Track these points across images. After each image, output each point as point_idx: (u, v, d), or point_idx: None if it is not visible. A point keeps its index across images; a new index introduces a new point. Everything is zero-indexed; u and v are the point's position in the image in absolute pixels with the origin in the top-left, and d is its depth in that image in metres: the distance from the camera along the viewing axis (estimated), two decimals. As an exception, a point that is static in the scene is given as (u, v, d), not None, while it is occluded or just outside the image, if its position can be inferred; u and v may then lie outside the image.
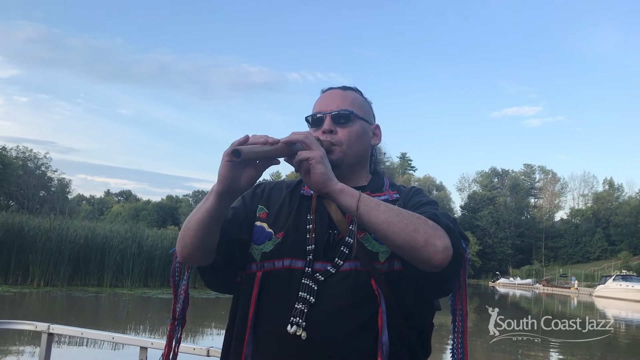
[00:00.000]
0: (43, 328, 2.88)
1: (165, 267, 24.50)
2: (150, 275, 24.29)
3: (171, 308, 1.66)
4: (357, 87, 1.72)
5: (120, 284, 23.34)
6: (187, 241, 1.46)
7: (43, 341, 2.87)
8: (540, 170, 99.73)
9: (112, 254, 22.81)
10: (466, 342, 1.53)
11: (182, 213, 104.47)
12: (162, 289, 23.32)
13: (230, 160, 1.29)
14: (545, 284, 62.32)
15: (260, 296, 1.48)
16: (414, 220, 1.33)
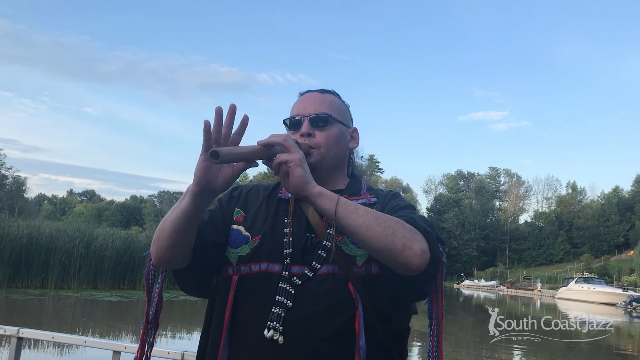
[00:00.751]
0: (12, 332, 2.82)
1: (115, 268, 23.46)
2: (99, 276, 23.15)
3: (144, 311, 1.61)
4: (335, 90, 1.71)
5: (66, 285, 22.15)
6: (162, 243, 1.41)
7: (12, 345, 2.81)
8: (505, 174, 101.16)
9: (58, 254, 21.64)
10: (441, 345, 1.52)
11: (146, 213, 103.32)
12: (111, 291, 22.26)
13: (207, 160, 1.25)
14: (509, 286, 62.69)
15: (236, 300, 1.46)
16: (392, 224, 1.32)
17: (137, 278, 24.42)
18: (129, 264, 24.18)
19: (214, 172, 1.31)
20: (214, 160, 1.22)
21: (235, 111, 1.32)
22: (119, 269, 23.75)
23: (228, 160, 1.26)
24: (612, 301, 38.45)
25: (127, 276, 24.31)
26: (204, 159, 1.28)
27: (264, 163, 1.36)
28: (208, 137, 1.26)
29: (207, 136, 1.26)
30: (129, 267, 24.27)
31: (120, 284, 24.11)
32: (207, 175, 1.30)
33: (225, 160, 1.24)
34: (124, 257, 23.85)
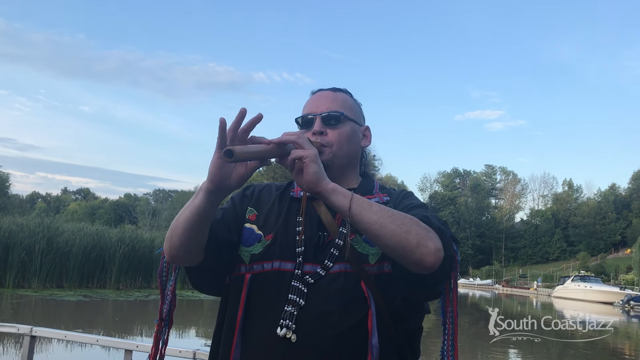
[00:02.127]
0: (25, 331, 2.84)
1: (82, 265, 22.07)
2: (65, 274, 21.76)
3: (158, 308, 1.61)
4: (347, 89, 1.71)
5: (26, 284, 20.72)
6: (175, 240, 1.41)
7: (25, 344, 2.82)
8: (501, 171, 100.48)
9: (17, 250, 20.17)
10: (456, 344, 1.49)
11: (140, 212, 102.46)
12: (77, 291, 20.87)
13: (222, 159, 1.27)
14: (505, 285, 62.31)
15: (249, 298, 1.46)
16: (406, 221, 1.31)
17: (107, 276, 23.07)
18: (98, 261, 22.74)
19: (228, 170, 1.31)
20: (228, 159, 1.24)
21: (260, 119, 1.32)
22: (87, 267, 22.31)
23: (242, 159, 1.27)
24: (609, 300, 38.15)
25: (97, 274, 22.90)
26: (218, 157, 1.28)
27: (277, 161, 1.36)
28: (223, 135, 1.27)
29: (222, 134, 1.27)
30: (98, 265, 22.80)
31: (89, 283, 22.68)
32: (221, 173, 1.30)
33: (239, 159, 1.26)
34: (92, 254, 22.39)
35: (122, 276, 23.39)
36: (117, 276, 23.13)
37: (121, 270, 23.25)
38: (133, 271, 24.05)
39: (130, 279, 23.97)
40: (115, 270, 23.04)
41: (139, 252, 24.25)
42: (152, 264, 24.83)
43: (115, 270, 23.04)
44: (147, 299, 20.87)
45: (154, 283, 25.00)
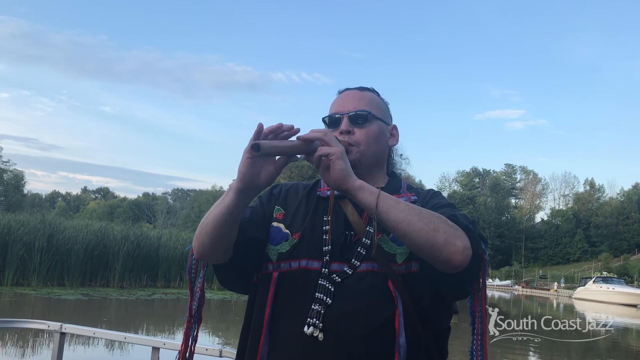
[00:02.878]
0: (55, 327, 2.91)
1: (85, 263, 21.52)
2: (67, 272, 21.16)
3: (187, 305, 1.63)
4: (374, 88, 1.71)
5: (26, 282, 20.15)
6: (204, 238, 1.44)
7: (55, 340, 2.90)
8: (521, 171, 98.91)
9: (15, 247, 19.61)
10: (485, 344, 1.48)
11: (158, 210, 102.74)
12: (77, 289, 20.32)
13: (251, 155, 1.30)
14: (525, 286, 61.34)
15: (276, 297, 1.48)
16: (434, 219, 1.31)
17: (111, 274, 22.49)
18: (101, 258, 22.15)
19: (257, 168, 1.33)
20: (255, 152, 1.27)
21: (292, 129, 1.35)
22: (89, 265, 21.73)
23: (269, 153, 1.29)
24: (633, 302, 37.22)
25: (100, 272, 22.31)
26: (248, 156, 1.30)
27: (303, 158, 1.37)
28: (257, 137, 1.30)
29: (256, 136, 1.30)
30: (102, 262, 22.22)
31: (92, 281, 22.12)
32: (251, 172, 1.32)
33: (266, 153, 1.28)
34: (95, 252, 21.80)
35: (126, 274, 22.75)
36: (121, 274, 22.51)
37: (125, 268, 22.62)
38: (138, 269, 23.41)
39: (135, 278, 23.33)
40: (118, 269, 22.43)
41: (143, 249, 23.64)
42: (158, 263, 24.31)
43: (118, 269, 22.43)
44: (150, 298, 20.29)
45: (160, 282, 24.49)
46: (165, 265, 24.61)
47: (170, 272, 24.82)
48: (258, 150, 1.26)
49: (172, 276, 24.87)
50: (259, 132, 1.31)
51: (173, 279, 24.94)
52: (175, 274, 24.94)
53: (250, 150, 1.28)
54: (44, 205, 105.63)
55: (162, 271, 24.56)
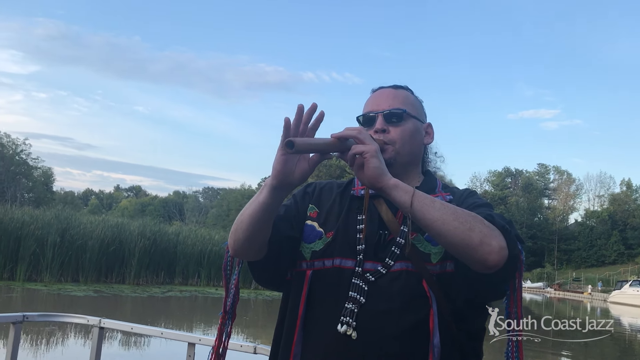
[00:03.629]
0: (94, 322, 2.97)
1: (99, 259, 21.16)
2: (81, 268, 20.80)
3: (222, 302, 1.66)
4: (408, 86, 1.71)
5: (39, 278, 19.83)
6: (240, 235, 1.45)
7: (94, 334, 2.95)
8: (555, 171, 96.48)
9: (28, 242, 19.28)
10: (521, 345, 1.47)
11: (188, 209, 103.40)
12: (91, 285, 19.94)
13: (285, 152, 1.30)
14: (557, 288, 60.54)
15: (310, 295, 1.49)
16: (470, 219, 1.31)
17: (127, 271, 22.12)
18: (117, 254, 21.81)
19: (291, 165, 1.34)
20: (289, 150, 1.26)
21: (315, 109, 1.35)
22: (104, 260, 21.36)
23: (303, 150, 1.30)
24: None
25: (116, 268, 21.94)
26: (282, 153, 1.31)
27: (337, 156, 1.38)
28: (287, 133, 1.30)
29: (286, 133, 1.30)
30: (117, 259, 21.88)
31: (108, 277, 21.79)
32: (285, 169, 1.33)
33: (300, 150, 1.27)
34: (111, 247, 21.41)
35: (142, 271, 22.37)
36: (137, 271, 22.14)
37: (141, 264, 22.24)
38: (155, 266, 23.04)
39: (152, 274, 22.97)
40: (134, 265, 22.02)
41: (160, 245, 23.22)
42: (175, 259, 23.88)
43: (134, 265, 22.02)
44: (164, 296, 19.79)
45: (177, 278, 24.07)
46: (183, 262, 24.18)
47: (188, 269, 24.41)
48: (292, 148, 1.25)
49: (190, 273, 24.45)
50: (287, 127, 1.30)
51: (191, 276, 24.51)
52: (193, 271, 24.53)
53: (283, 147, 1.28)
54: (76, 202, 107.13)
55: (179, 268, 24.12)
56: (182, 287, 23.03)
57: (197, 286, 24.03)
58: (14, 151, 53.80)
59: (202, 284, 24.49)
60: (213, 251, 24.96)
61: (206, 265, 24.81)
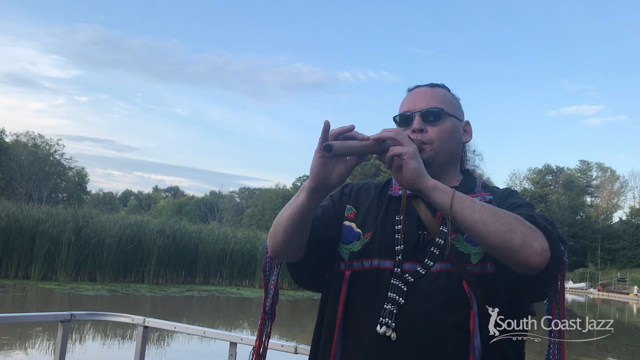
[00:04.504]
0: (139, 321, 3.05)
1: (118, 257, 20.73)
2: (98, 267, 20.41)
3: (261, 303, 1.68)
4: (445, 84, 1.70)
5: (53, 277, 19.46)
6: (278, 236, 1.47)
7: (139, 333, 3.03)
8: (597, 168, 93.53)
9: (42, 241, 18.93)
10: (563, 347, 1.45)
11: (224, 208, 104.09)
12: (106, 285, 19.52)
13: (322, 155, 1.31)
14: (601, 289, 58.54)
15: (348, 295, 1.50)
16: (511, 220, 1.30)
17: (146, 270, 21.64)
18: (136, 253, 21.35)
19: (329, 168, 1.34)
20: (327, 153, 1.27)
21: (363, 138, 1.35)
22: (122, 259, 20.92)
23: (341, 153, 1.30)
24: None
25: (135, 267, 21.50)
26: (320, 156, 1.32)
27: (375, 158, 1.38)
28: (326, 136, 1.30)
29: (324, 136, 1.30)
30: (136, 257, 21.42)
31: (127, 277, 21.35)
32: (322, 171, 1.33)
33: (338, 153, 1.28)
34: (129, 246, 20.96)
35: (161, 270, 21.85)
36: (157, 270, 21.62)
37: (161, 263, 21.74)
38: (175, 265, 22.50)
39: (172, 273, 22.44)
40: (153, 264, 21.51)
41: (180, 244, 22.68)
42: (196, 258, 23.34)
43: (153, 264, 21.51)
44: (181, 296, 19.21)
45: (198, 278, 23.56)
46: (204, 261, 23.62)
47: (210, 268, 23.83)
48: (330, 151, 1.26)
49: (211, 272, 23.87)
50: (326, 130, 1.29)
51: (213, 275, 23.94)
52: (215, 271, 23.97)
53: (321, 151, 1.28)
54: (114, 203, 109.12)
55: (200, 267, 23.57)
56: (202, 287, 22.52)
57: (218, 285, 23.49)
58: (48, 151, 54.51)
59: (223, 284, 23.94)
60: (235, 250, 24.44)
61: (228, 264, 24.25)
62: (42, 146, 54.30)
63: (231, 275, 24.38)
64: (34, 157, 50.47)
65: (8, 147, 47.95)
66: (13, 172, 46.65)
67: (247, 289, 23.50)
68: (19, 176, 46.57)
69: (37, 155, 51.77)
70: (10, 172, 46.44)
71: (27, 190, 46.44)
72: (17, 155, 47.82)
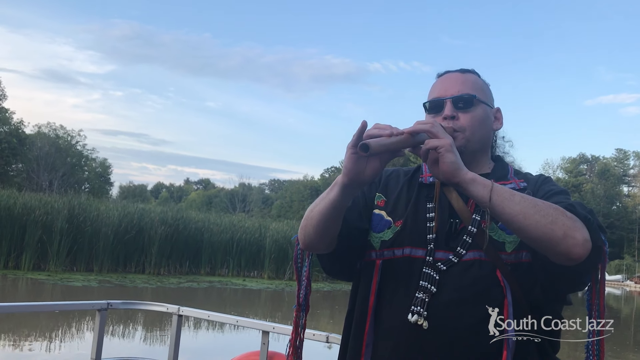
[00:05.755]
0: (174, 310, 3.19)
1: (115, 247, 19.95)
2: (95, 257, 19.59)
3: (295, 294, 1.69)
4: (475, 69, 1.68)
5: (44, 267, 18.71)
6: (310, 230, 1.47)
7: (174, 322, 3.15)
8: (635, 156, 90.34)
9: (32, 229, 18.18)
10: (603, 338, 1.45)
11: (252, 200, 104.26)
12: (104, 275, 18.74)
13: (357, 153, 1.30)
14: (638, 281, 56.84)
15: (380, 284, 1.49)
16: (551, 211, 1.28)
17: (147, 260, 20.81)
18: (138, 242, 20.52)
19: (363, 164, 1.33)
20: (364, 153, 1.27)
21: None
22: (120, 249, 20.10)
23: (377, 152, 1.29)
24: None
25: (135, 258, 20.68)
26: (353, 152, 1.30)
27: (410, 151, 1.37)
28: (361, 135, 1.29)
29: (360, 134, 1.29)
30: (137, 247, 20.60)
31: (127, 267, 20.55)
32: (356, 168, 1.32)
33: (375, 152, 1.28)
34: (127, 235, 20.12)
35: (163, 260, 20.99)
36: (158, 260, 20.76)
37: (163, 253, 20.86)
38: (178, 255, 21.60)
39: (175, 264, 21.56)
40: (154, 254, 20.64)
41: (184, 233, 21.79)
42: (201, 248, 22.49)
43: (154, 254, 20.64)
44: (178, 287, 18.33)
45: (204, 268, 22.74)
46: (210, 251, 22.72)
47: (216, 258, 22.92)
48: (367, 151, 1.26)
49: (217, 263, 23.00)
50: (362, 130, 1.29)
51: (220, 266, 23.07)
52: (222, 261, 23.06)
53: (356, 149, 1.27)
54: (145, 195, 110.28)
55: (206, 257, 22.67)
56: (207, 278, 21.63)
57: (224, 276, 22.61)
58: (69, 142, 54.54)
59: (231, 274, 23.08)
60: (243, 239, 23.50)
61: (235, 254, 23.33)
62: (64, 137, 54.47)
63: (239, 266, 23.51)
64: (56, 148, 50.55)
65: (26, 138, 48.10)
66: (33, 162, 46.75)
67: (253, 280, 22.63)
68: (36, 166, 46.54)
69: (59, 146, 51.88)
70: (30, 163, 46.55)
71: (48, 181, 46.47)
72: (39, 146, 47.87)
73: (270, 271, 24.06)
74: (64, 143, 53.84)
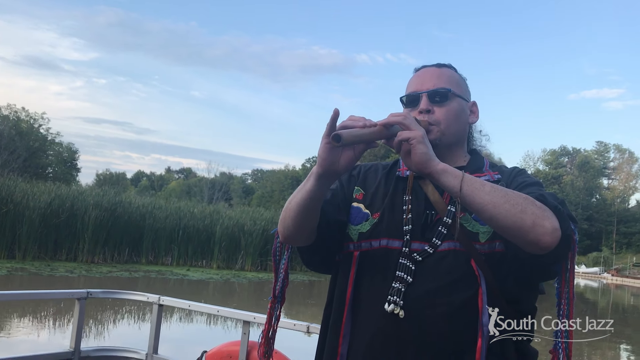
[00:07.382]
0: (154, 299, 3.24)
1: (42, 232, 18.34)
2: (17, 243, 18.01)
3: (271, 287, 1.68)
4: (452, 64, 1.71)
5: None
6: (289, 222, 1.49)
7: (154, 311, 3.21)
8: (615, 149, 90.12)
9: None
10: (571, 347, 1.48)
11: (233, 190, 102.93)
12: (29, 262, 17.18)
13: (330, 144, 1.31)
14: (615, 274, 56.95)
15: (358, 275, 1.52)
16: (521, 200, 1.31)
17: (79, 247, 19.23)
18: (68, 227, 18.95)
19: (336, 154, 1.34)
20: (336, 143, 1.28)
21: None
22: (47, 234, 18.50)
23: (350, 142, 1.31)
24: None
25: (66, 244, 19.08)
26: (327, 142, 1.32)
27: (384, 143, 1.39)
28: (334, 124, 1.31)
29: (332, 123, 1.31)
30: (69, 233, 19.02)
31: (57, 254, 18.94)
32: (330, 158, 1.34)
33: (347, 142, 1.30)
34: (56, 219, 18.52)
35: (98, 248, 19.41)
36: (92, 247, 19.16)
37: (97, 240, 19.27)
38: (115, 242, 20.01)
39: (111, 252, 19.97)
40: (87, 240, 19.06)
41: (122, 218, 20.20)
42: (143, 235, 20.93)
43: (87, 240, 19.06)
44: (108, 276, 16.76)
45: (146, 257, 21.17)
46: (153, 239, 21.13)
47: (159, 246, 21.32)
48: (339, 141, 1.27)
49: (161, 251, 21.46)
50: (334, 119, 1.30)
51: (164, 254, 21.57)
52: (165, 249, 21.48)
53: (329, 139, 1.29)
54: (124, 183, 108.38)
55: (147, 245, 21.06)
56: (147, 267, 20.05)
57: (167, 266, 21.08)
58: (31, 125, 52.44)
59: (176, 263, 21.56)
60: (190, 226, 21.97)
61: (181, 242, 21.83)
62: (26, 120, 52.31)
63: (185, 255, 22.05)
64: (16, 131, 48.41)
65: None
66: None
67: (199, 270, 21.15)
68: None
69: (20, 129, 49.71)
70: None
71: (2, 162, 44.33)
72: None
73: (220, 261, 22.61)
74: (26, 127, 51.76)
